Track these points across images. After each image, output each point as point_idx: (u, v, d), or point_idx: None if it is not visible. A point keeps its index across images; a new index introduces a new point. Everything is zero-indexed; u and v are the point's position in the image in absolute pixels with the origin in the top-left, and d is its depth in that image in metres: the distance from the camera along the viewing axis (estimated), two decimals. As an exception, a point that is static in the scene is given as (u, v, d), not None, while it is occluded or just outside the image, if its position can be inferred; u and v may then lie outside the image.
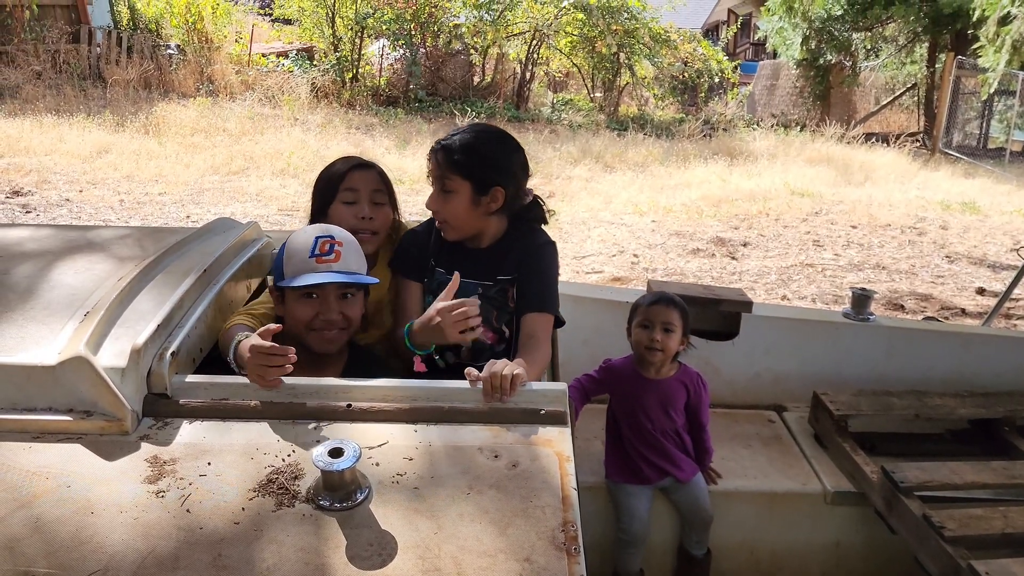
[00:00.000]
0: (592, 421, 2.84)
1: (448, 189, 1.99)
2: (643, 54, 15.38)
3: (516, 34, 15.30)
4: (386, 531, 1.28)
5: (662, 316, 2.39)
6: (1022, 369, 2.83)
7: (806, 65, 16.44)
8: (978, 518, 2.13)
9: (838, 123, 15.27)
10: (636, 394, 2.46)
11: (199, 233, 2.09)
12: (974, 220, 9.72)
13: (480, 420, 1.52)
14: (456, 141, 2.00)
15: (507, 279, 2.07)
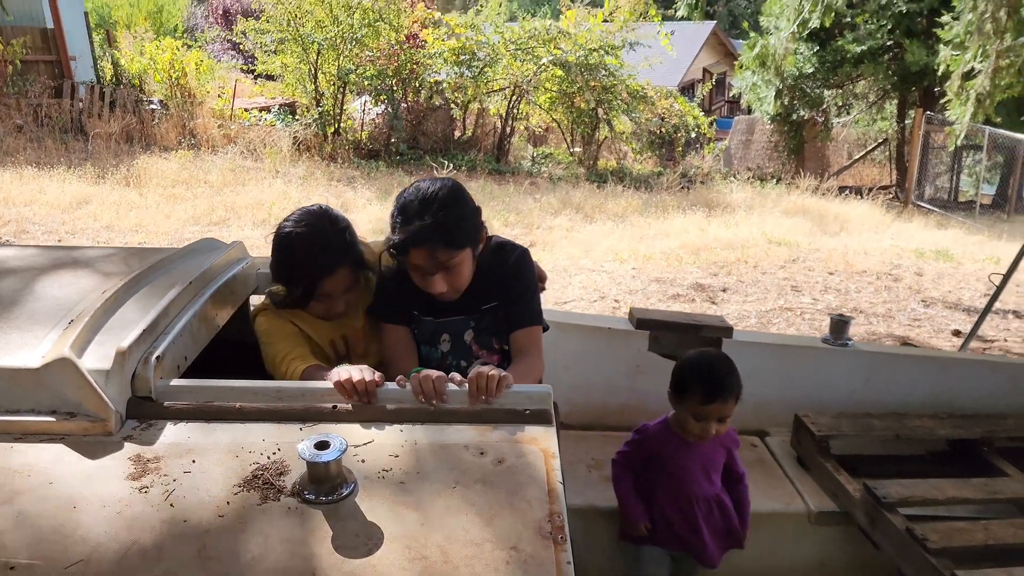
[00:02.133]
0: (576, 444, 2.84)
1: (453, 265, 1.93)
2: (621, 109, 15.68)
3: (496, 90, 15.57)
4: (372, 523, 1.28)
5: (719, 413, 2.18)
6: (999, 392, 2.87)
7: (780, 120, 16.83)
8: (961, 531, 2.15)
9: (813, 176, 15.59)
10: (675, 458, 2.27)
11: (184, 252, 2.10)
12: (948, 267, 9.89)
13: (466, 420, 1.53)
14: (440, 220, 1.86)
15: (495, 305, 2.08)
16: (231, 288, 2.00)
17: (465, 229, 1.92)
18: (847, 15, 14.66)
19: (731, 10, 32.33)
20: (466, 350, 2.07)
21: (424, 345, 2.08)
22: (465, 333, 2.08)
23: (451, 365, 2.05)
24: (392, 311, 2.07)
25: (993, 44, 8.98)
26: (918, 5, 14.15)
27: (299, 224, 1.93)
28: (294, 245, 1.92)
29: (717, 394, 2.16)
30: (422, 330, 2.08)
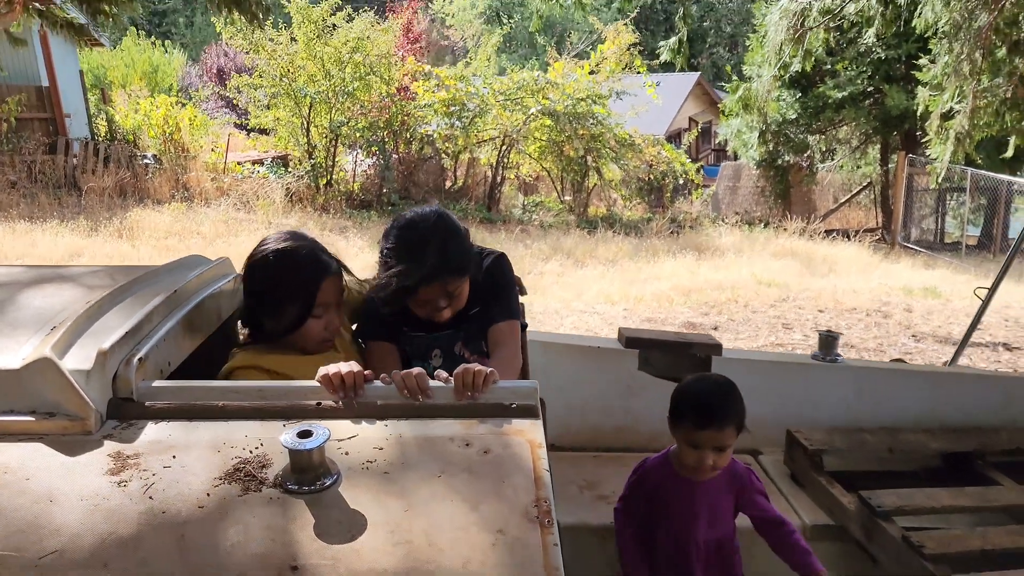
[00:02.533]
0: (569, 465, 2.81)
1: (458, 294, 1.99)
2: (609, 157, 15.89)
3: (486, 140, 15.77)
4: (356, 510, 1.26)
5: (714, 441, 2.00)
6: (991, 406, 2.86)
7: (766, 165, 17.06)
8: (957, 538, 2.12)
9: (800, 219, 15.74)
10: (675, 498, 2.10)
11: (170, 266, 2.11)
12: (937, 304, 9.94)
13: (451, 415, 1.51)
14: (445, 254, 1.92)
15: (479, 310, 2.10)
16: (217, 300, 2.00)
17: (467, 256, 1.98)
18: (827, 62, 14.98)
19: (714, 62, 33.00)
20: (458, 360, 2.07)
21: (416, 360, 2.08)
22: (455, 345, 2.10)
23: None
24: (381, 330, 2.08)
25: (970, 85, 9.16)
26: (896, 51, 14.47)
27: (281, 241, 1.94)
28: (288, 256, 1.91)
29: (711, 420, 1.99)
30: (414, 346, 2.09)
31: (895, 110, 14.68)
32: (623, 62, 15.99)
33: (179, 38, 33.56)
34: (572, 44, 20.26)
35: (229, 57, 24.89)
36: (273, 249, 1.92)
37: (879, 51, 14.68)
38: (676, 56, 7.67)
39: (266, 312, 1.92)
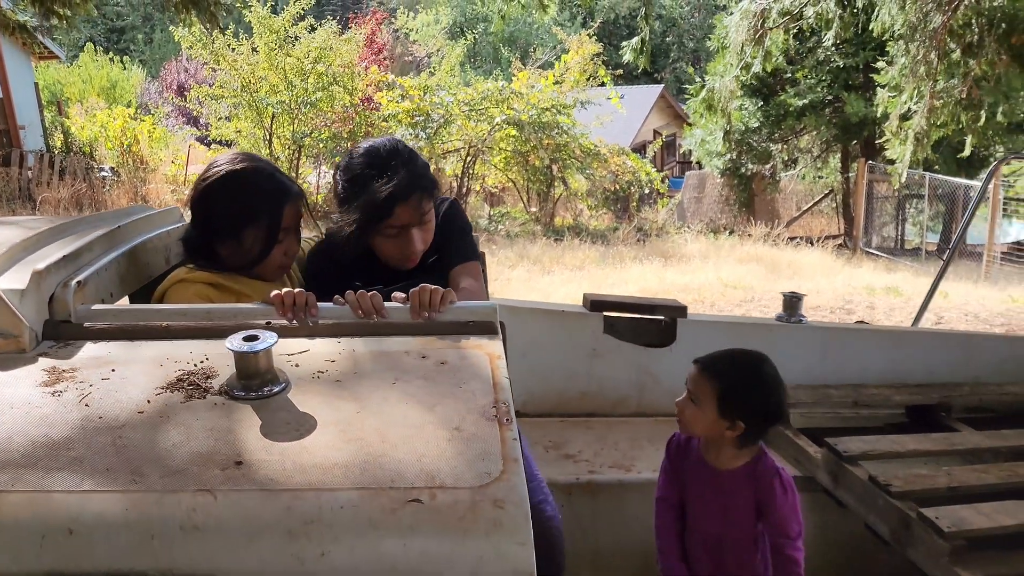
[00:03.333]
0: (534, 430, 2.76)
1: (427, 220, 1.89)
2: (575, 167, 15.94)
3: (452, 151, 15.75)
4: (305, 412, 1.20)
5: (690, 382, 1.87)
6: (953, 362, 2.87)
7: (729, 174, 17.25)
8: (923, 476, 2.11)
9: (764, 226, 15.91)
10: (693, 481, 1.95)
11: (115, 211, 2.03)
12: (898, 301, 10.07)
13: (407, 333, 1.46)
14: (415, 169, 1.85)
15: (436, 257, 2.03)
16: (165, 242, 1.93)
17: (432, 177, 1.90)
18: (788, 70, 15.22)
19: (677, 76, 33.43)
20: None
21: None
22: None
23: None
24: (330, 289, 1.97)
25: (926, 85, 9.34)
26: (854, 60, 14.75)
27: (237, 163, 1.82)
28: (249, 178, 1.80)
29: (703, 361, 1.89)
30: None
31: (854, 118, 14.93)
32: (587, 72, 16.09)
33: (138, 55, 33.23)
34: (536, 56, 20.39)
35: (189, 73, 24.67)
36: (230, 170, 1.80)
37: (837, 59, 14.95)
38: (639, 57, 7.72)
39: (224, 239, 1.79)
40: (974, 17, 8.84)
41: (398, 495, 1.02)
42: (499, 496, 1.03)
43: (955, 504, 1.98)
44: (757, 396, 1.81)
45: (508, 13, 8.01)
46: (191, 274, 1.74)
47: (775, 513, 1.84)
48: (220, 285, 1.75)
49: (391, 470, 1.06)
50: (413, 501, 1.01)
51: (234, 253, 1.81)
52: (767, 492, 1.84)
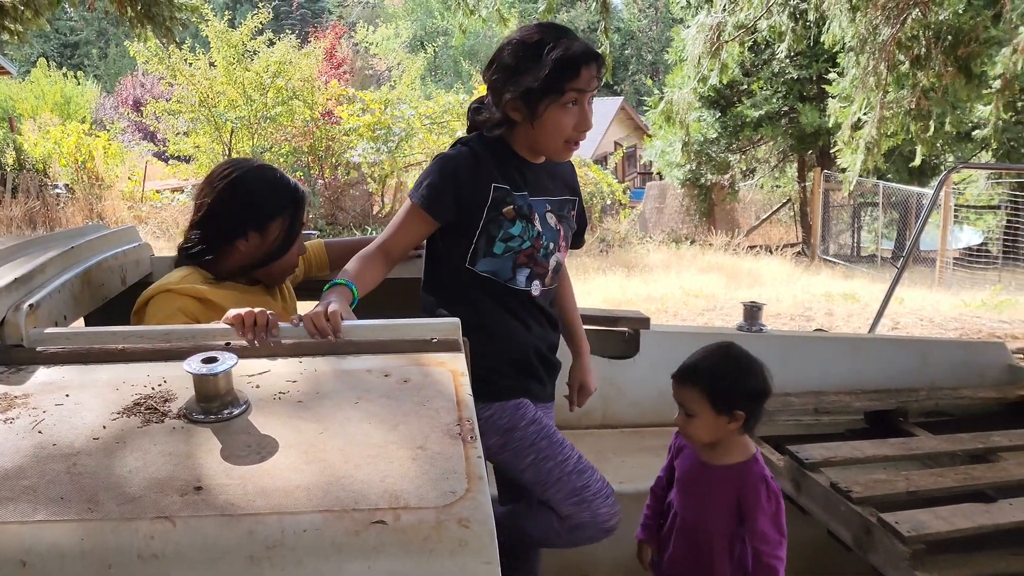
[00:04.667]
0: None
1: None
2: (536, 179, 16.02)
3: (414, 164, 15.73)
4: (266, 435, 1.18)
5: (678, 396, 1.85)
6: (910, 367, 2.93)
7: (689, 185, 17.46)
8: (883, 482, 2.14)
9: (724, 236, 16.13)
10: (683, 468, 1.95)
11: (70, 230, 1.99)
12: (856, 307, 10.25)
13: (369, 351, 1.45)
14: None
15: (571, 199, 2.02)
16: (121, 263, 1.90)
17: None
18: (744, 82, 15.47)
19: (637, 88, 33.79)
20: (554, 234, 1.94)
21: (521, 221, 1.86)
22: (547, 215, 1.94)
23: (544, 245, 1.90)
24: (448, 207, 1.82)
25: (877, 96, 9.55)
26: (807, 71, 15.04)
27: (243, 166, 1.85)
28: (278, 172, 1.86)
29: (679, 370, 1.87)
30: (516, 205, 1.86)
31: (809, 128, 15.22)
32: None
33: (92, 70, 32.71)
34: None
35: (146, 88, 24.34)
36: (258, 164, 1.85)
37: (792, 71, 15.24)
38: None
39: (249, 229, 1.80)
40: (921, 30, 9.07)
41: (362, 517, 1.01)
42: (464, 515, 1.02)
43: (914, 508, 2.02)
44: (740, 378, 1.82)
45: (468, 27, 8.03)
46: (180, 284, 1.73)
47: (757, 519, 1.82)
48: (208, 301, 1.73)
49: (354, 491, 1.05)
50: (377, 523, 1.00)
51: (255, 246, 1.82)
52: (751, 496, 1.82)
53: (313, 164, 14.83)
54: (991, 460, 2.47)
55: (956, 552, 2.00)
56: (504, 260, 1.85)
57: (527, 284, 1.89)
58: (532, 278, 1.89)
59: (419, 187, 1.84)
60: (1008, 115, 11.95)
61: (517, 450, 1.87)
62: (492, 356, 1.83)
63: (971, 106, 11.68)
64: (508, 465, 1.91)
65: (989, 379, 3.08)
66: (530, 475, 1.86)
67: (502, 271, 1.86)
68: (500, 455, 1.90)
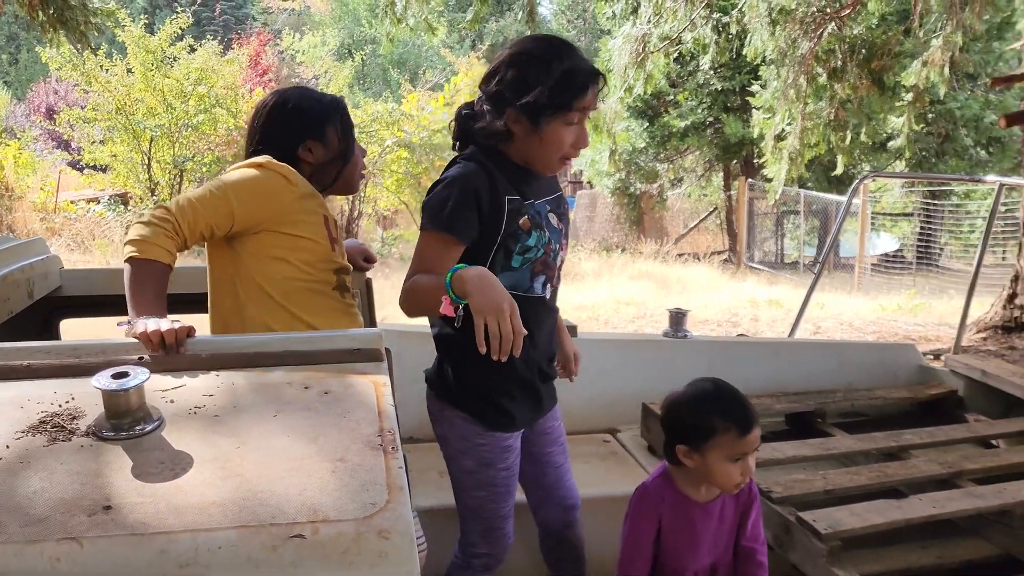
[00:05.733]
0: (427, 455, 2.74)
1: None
2: (468, 188, 16.00)
3: (342, 173, 15.55)
4: (180, 451, 1.15)
5: (756, 442, 1.78)
6: (828, 370, 3.03)
7: (619, 194, 17.72)
8: (802, 481, 2.20)
9: (654, 243, 16.41)
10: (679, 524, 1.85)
11: (-26, 244, 1.91)
12: (780, 313, 10.54)
13: (289, 363, 1.43)
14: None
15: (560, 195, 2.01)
16: (28, 276, 1.82)
17: None
18: (670, 93, 15.79)
19: (566, 99, 34.02)
20: (558, 235, 1.92)
21: (536, 230, 1.83)
22: (549, 215, 1.91)
23: (553, 249, 1.89)
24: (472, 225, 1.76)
25: (797, 107, 9.86)
26: (730, 83, 15.43)
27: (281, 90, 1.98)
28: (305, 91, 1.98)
29: (752, 420, 1.77)
30: (531, 215, 1.83)
31: (733, 138, 15.62)
32: (477, 94, 16.21)
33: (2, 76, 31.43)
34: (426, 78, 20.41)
35: (60, 95, 23.48)
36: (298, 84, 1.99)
37: (716, 83, 15.61)
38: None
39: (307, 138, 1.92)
40: (837, 44, 9.40)
41: (279, 531, 0.99)
42: (384, 526, 1.01)
43: (831, 507, 2.08)
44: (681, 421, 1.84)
45: (396, 35, 8.00)
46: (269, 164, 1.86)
47: (752, 522, 1.87)
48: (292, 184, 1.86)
49: (272, 506, 1.03)
50: (295, 537, 0.98)
51: (321, 155, 1.94)
52: (748, 504, 1.87)
53: (239, 173, 14.51)
54: (903, 458, 2.58)
55: (871, 547, 2.07)
56: (522, 272, 1.83)
57: (543, 291, 1.89)
58: (546, 283, 1.91)
59: (438, 213, 1.76)
60: (919, 126, 12.51)
61: (480, 482, 1.92)
62: (503, 378, 1.85)
63: (885, 117, 12.18)
64: (458, 486, 1.97)
65: (902, 379, 3.21)
66: (470, 504, 1.95)
67: (521, 282, 1.84)
68: (460, 475, 1.95)
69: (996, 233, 12.39)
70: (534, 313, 1.85)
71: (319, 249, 1.89)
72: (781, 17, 8.71)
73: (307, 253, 1.87)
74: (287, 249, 1.85)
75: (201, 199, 1.76)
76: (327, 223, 1.93)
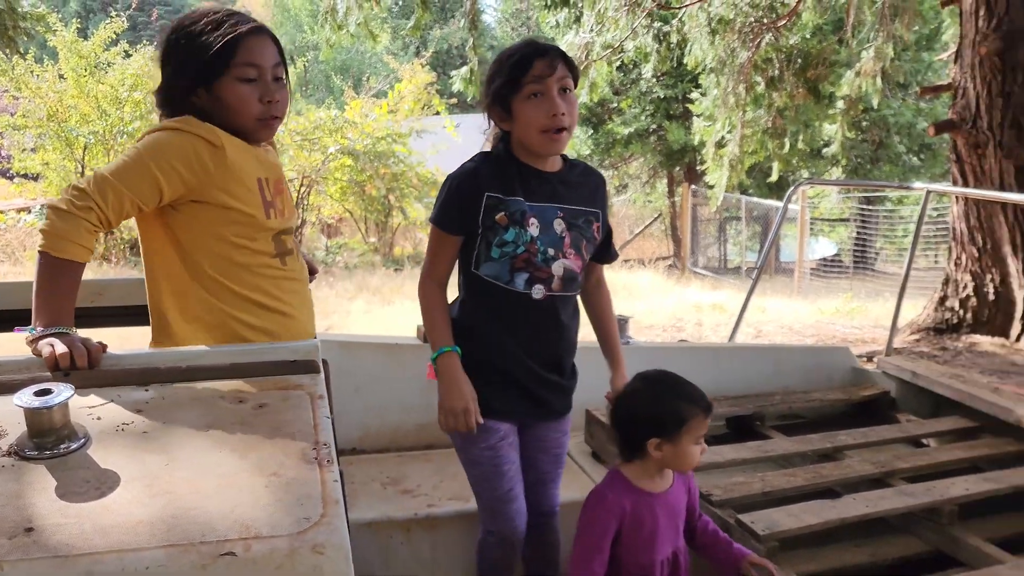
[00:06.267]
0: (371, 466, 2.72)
1: (569, 88, 1.88)
2: (413, 196, 15.94)
3: (285, 181, 15.34)
4: (107, 469, 1.12)
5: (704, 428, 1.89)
6: (766, 374, 3.09)
7: (564, 200, 17.86)
8: (741, 484, 2.24)
9: (599, 249, 16.55)
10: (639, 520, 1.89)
11: None
12: (723, 318, 10.72)
13: (223, 376, 1.40)
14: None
15: (592, 211, 2.01)
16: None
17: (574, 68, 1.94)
18: (614, 101, 15.97)
19: (511, 106, 34.16)
20: (557, 241, 1.94)
21: (512, 227, 1.91)
22: (554, 221, 1.95)
23: (540, 250, 1.92)
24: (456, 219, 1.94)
25: (737, 115, 10.06)
26: (673, 91, 15.69)
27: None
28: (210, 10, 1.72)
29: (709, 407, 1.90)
30: (509, 211, 1.91)
31: (676, 145, 15.88)
32: (422, 101, 16.18)
33: (-70, 81, 30.26)
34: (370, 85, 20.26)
35: (-9, 101, 22.72)
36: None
37: (659, 91, 15.86)
38: (468, 85, 7.86)
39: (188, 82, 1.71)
40: (774, 53, 9.62)
41: (209, 549, 0.97)
42: (319, 541, 1.00)
43: (769, 508, 2.12)
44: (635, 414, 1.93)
45: (337, 42, 7.94)
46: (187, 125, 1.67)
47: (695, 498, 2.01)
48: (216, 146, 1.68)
49: (202, 523, 1.01)
50: (226, 555, 0.96)
51: (205, 100, 1.72)
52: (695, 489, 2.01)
53: (178, 181, 14.20)
54: (837, 458, 2.65)
55: (807, 547, 2.12)
56: (502, 264, 1.92)
57: (526, 287, 1.93)
58: (533, 282, 1.93)
59: (434, 208, 2.00)
60: (854, 133, 12.89)
61: (468, 460, 2.06)
62: (486, 368, 1.97)
63: (821, 125, 12.52)
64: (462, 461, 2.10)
65: (836, 381, 3.30)
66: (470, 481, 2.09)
67: (501, 274, 1.94)
68: (456, 452, 2.10)
69: (929, 237, 12.84)
70: (520, 309, 1.94)
71: (253, 221, 1.75)
72: (720, 27, 8.88)
73: (239, 226, 1.74)
74: (220, 223, 1.72)
75: (121, 173, 1.60)
76: (260, 185, 1.77)
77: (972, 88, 5.11)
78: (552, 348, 2.06)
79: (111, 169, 1.61)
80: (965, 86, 5.20)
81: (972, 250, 5.32)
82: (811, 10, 8.60)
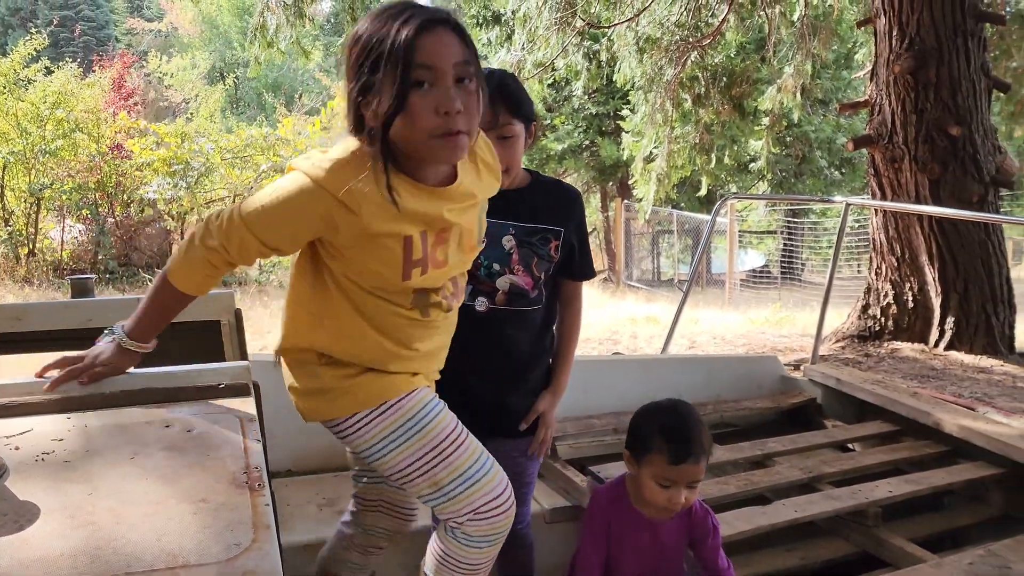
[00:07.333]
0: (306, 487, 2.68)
1: (507, 135, 1.79)
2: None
3: (215, 199, 15.04)
4: (26, 501, 1.09)
5: (689, 476, 1.80)
6: (697, 384, 3.15)
7: (500, 215, 17.94)
8: (675, 493, 2.27)
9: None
10: (627, 535, 1.91)
11: None
12: (657, 329, 10.87)
13: (149, 400, 1.37)
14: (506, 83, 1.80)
15: (550, 229, 1.93)
16: None
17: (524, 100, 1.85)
18: (547, 117, 16.15)
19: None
20: (504, 256, 1.88)
21: None
22: (504, 238, 1.89)
23: (483, 265, 1.86)
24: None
25: (665, 131, 10.26)
26: (605, 108, 15.95)
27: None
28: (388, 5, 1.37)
29: (688, 452, 1.78)
30: None
31: (608, 160, 16.12)
32: (354, 118, 16.05)
33: None
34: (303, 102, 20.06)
35: (-99, 119, 21.72)
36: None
37: (591, 107, 16.09)
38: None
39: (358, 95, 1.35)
40: (700, 71, 9.85)
41: (135, 581, 0.94)
42: (249, 567, 0.98)
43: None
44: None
45: (268, 59, 7.85)
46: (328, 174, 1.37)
47: (710, 549, 1.94)
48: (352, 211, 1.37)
49: (127, 554, 0.98)
50: (153, 585, 0.94)
51: (373, 116, 1.35)
52: (702, 530, 1.94)
53: (102, 201, 13.80)
54: (768, 465, 2.71)
55: (740, 553, 2.17)
56: None
57: (469, 299, 1.88)
58: (476, 294, 1.90)
59: None
60: (778, 149, 13.29)
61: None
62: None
63: (747, 140, 12.87)
64: None
65: (766, 390, 3.39)
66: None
67: None
68: None
69: (853, 247, 13.28)
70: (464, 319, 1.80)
71: (386, 283, 1.49)
72: (648, 45, 9.07)
73: (372, 276, 1.49)
74: (353, 272, 1.49)
75: (252, 218, 1.41)
76: (408, 244, 1.45)
77: (888, 105, 5.33)
78: (497, 363, 1.98)
79: (247, 210, 1.42)
80: (881, 103, 5.41)
81: (891, 260, 5.52)
82: (734, 30, 8.86)
